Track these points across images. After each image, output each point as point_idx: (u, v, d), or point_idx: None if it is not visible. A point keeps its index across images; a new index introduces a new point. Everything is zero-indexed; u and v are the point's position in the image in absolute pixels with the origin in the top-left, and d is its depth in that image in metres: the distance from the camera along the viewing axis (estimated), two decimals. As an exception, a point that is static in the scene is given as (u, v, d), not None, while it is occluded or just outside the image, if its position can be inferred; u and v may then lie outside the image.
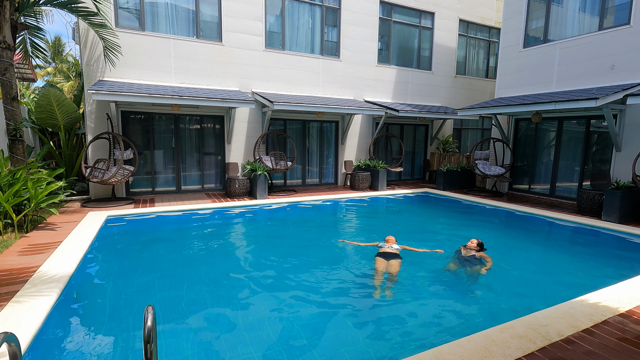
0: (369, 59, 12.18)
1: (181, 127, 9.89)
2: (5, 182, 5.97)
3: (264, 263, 5.53)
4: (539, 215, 8.11)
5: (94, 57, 8.69)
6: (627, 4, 8.22)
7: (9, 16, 6.88)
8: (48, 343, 3.06)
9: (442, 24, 13.47)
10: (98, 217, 6.98)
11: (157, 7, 9.24)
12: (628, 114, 8.32)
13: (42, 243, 5.38)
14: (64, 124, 9.27)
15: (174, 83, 9.44)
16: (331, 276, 4.99)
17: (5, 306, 3.34)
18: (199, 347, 3.15)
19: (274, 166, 10.10)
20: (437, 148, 14.33)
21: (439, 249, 5.58)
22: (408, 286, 4.57)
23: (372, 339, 3.35)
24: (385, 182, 11.33)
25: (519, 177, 11.12)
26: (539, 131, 10.55)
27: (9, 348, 1.67)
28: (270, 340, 3.29)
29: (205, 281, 4.65)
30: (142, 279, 4.65)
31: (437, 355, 2.70)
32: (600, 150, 9.14)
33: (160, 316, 3.62)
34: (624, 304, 3.65)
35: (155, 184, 9.76)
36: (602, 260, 5.80)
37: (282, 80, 10.86)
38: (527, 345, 2.87)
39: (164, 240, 6.43)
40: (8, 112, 7.08)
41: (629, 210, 7.49)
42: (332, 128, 12.15)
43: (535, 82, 10.17)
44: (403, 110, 11.12)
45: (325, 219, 8.37)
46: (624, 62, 8.23)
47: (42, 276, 4.07)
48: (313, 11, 11.25)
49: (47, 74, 23.82)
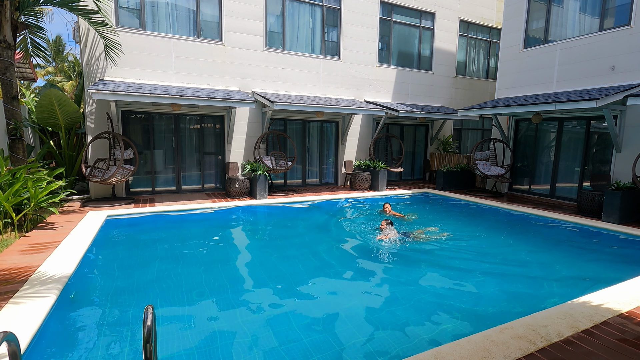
0: (369, 59, 12.18)
1: (181, 127, 9.89)
2: (5, 181, 5.97)
3: (264, 263, 5.53)
4: (539, 216, 8.10)
5: (94, 56, 8.69)
6: (628, 4, 8.22)
7: (9, 15, 6.88)
8: (48, 343, 3.06)
9: (442, 24, 13.46)
10: (98, 216, 6.98)
11: (158, 7, 9.24)
12: (628, 115, 8.32)
13: (42, 242, 5.38)
14: (64, 124, 9.27)
15: (174, 83, 9.44)
16: (331, 274, 4.99)
17: (5, 306, 3.34)
18: (198, 347, 3.15)
19: (274, 166, 10.10)
20: (437, 148, 14.33)
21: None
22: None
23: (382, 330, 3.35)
24: (386, 182, 11.33)
25: (519, 177, 11.12)
26: (539, 132, 10.55)
27: (8, 348, 1.67)
28: (270, 338, 3.29)
29: (206, 280, 4.65)
30: (141, 279, 4.65)
31: (436, 355, 2.70)
32: (601, 151, 9.14)
33: (160, 316, 3.62)
34: (623, 305, 3.65)
35: (155, 184, 9.76)
36: (602, 261, 5.80)
37: (283, 80, 10.86)
38: (527, 346, 2.87)
39: (163, 240, 6.42)
40: (8, 112, 7.08)
41: (629, 211, 7.49)
42: (332, 128, 12.15)
43: (536, 82, 10.17)
44: (403, 111, 11.12)
45: (324, 219, 8.36)
46: (625, 63, 8.23)
47: (42, 276, 4.07)
48: (313, 11, 11.25)
49: (48, 74, 23.81)
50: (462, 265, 5.38)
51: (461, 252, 5.96)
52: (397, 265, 5.50)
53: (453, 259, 5.65)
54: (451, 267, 5.33)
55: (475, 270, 5.20)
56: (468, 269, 5.26)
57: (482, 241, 6.70)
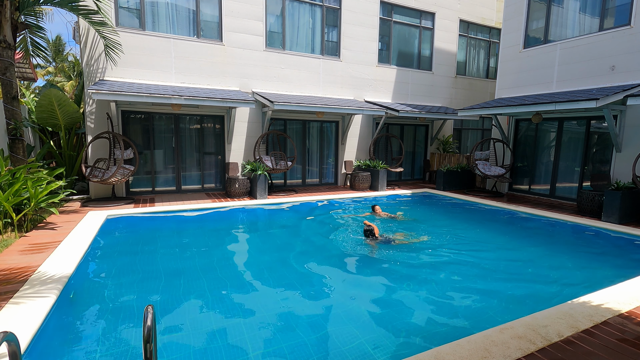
0: (369, 59, 12.18)
1: (181, 127, 9.89)
2: (5, 181, 5.97)
3: (264, 262, 5.53)
4: (538, 216, 8.10)
5: (94, 56, 8.69)
6: (628, 4, 8.22)
7: (9, 15, 6.88)
8: (48, 342, 3.06)
9: (442, 24, 13.46)
10: (98, 216, 6.98)
11: (158, 7, 9.24)
12: (628, 115, 8.32)
13: (42, 242, 5.38)
14: (64, 124, 9.26)
15: (175, 83, 9.44)
16: (330, 273, 4.99)
17: (5, 306, 3.34)
18: (198, 346, 3.15)
19: (274, 166, 10.10)
20: (437, 148, 14.33)
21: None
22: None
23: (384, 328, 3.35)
24: (385, 182, 11.33)
25: (519, 177, 11.12)
26: (539, 132, 10.55)
27: (8, 348, 1.67)
28: (270, 336, 3.29)
29: (206, 280, 4.65)
30: (141, 279, 4.65)
31: (436, 355, 2.70)
32: (600, 151, 9.14)
33: (160, 316, 3.63)
34: (623, 305, 3.65)
35: (155, 184, 9.76)
36: (602, 261, 5.80)
37: (283, 80, 10.86)
38: (527, 346, 2.87)
39: (163, 240, 6.42)
40: (8, 112, 7.08)
41: (629, 211, 7.49)
42: (333, 128, 12.15)
43: (536, 82, 10.17)
44: (403, 111, 11.12)
45: (324, 218, 8.35)
46: (625, 63, 8.23)
47: (42, 276, 4.07)
48: (313, 11, 11.25)
49: (48, 73, 23.82)
50: (461, 270, 5.38)
51: (460, 253, 5.96)
52: (394, 266, 5.51)
53: (452, 258, 5.65)
54: (451, 268, 5.33)
55: (475, 270, 5.21)
56: (467, 270, 5.26)
57: (480, 241, 6.70)
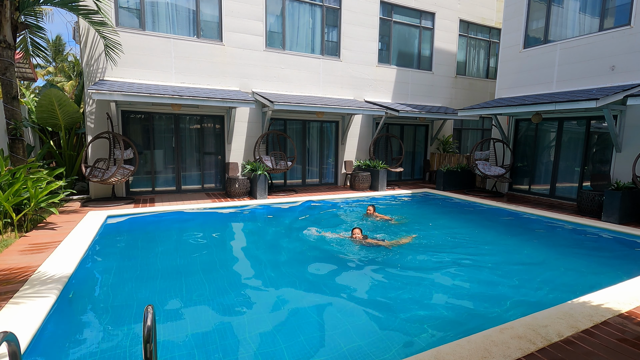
0: (369, 59, 12.18)
1: (181, 127, 9.89)
2: (5, 181, 5.97)
3: (264, 262, 5.53)
4: (538, 216, 8.10)
5: (94, 56, 8.69)
6: (628, 4, 8.22)
7: (9, 15, 6.88)
8: (48, 342, 3.06)
9: (442, 24, 13.46)
10: (98, 216, 6.98)
11: (158, 7, 9.24)
12: (628, 115, 8.32)
13: (42, 242, 5.38)
14: (64, 124, 9.27)
15: (174, 83, 9.43)
16: (327, 273, 4.99)
17: (5, 306, 3.34)
18: (198, 346, 3.15)
19: (274, 166, 10.10)
20: (437, 148, 14.33)
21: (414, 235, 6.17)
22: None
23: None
24: (385, 182, 11.33)
25: (519, 177, 11.12)
26: (539, 132, 10.55)
27: (8, 348, 1.67)
28: (268, 333, 3.30)
29: (206, 280, 4.65)
30: (141, 279, 4.65)
31: (436, 355, 2.70)
32: (600, 151, 9.14)
33: (160, 316, 3.62)
34: (623, 305, 3.65)
35: (155, 184, 9.76)
36: (602, 261, 5.80)
37: (283, 80, 10.86)
38: (527, 346, 2.87)
39: (163, 240, 6.42)
40: (8, 112, 7.08)
41: (629, 210, 7.49)
42: (332, 128, 12.15)
43: (536, 82, 10.17)
44: (403, 111, 11.12)
45: (324, 219, 8.36)
46: (624, 63, 8.23)
47: (42, 276, 4.07)
48: (313, 11, 11.25)
49: (48, 73, 23.81)
50: (459, 270, 5.39)
51: (459, 253, 5.96)
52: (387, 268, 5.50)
53: (451, 259, 5.65)
54: (451, 268, 5.33)
55: (474, 270, 5.21)
56: (466, 271, 5.26)
57: (480, 241, 6.70)
